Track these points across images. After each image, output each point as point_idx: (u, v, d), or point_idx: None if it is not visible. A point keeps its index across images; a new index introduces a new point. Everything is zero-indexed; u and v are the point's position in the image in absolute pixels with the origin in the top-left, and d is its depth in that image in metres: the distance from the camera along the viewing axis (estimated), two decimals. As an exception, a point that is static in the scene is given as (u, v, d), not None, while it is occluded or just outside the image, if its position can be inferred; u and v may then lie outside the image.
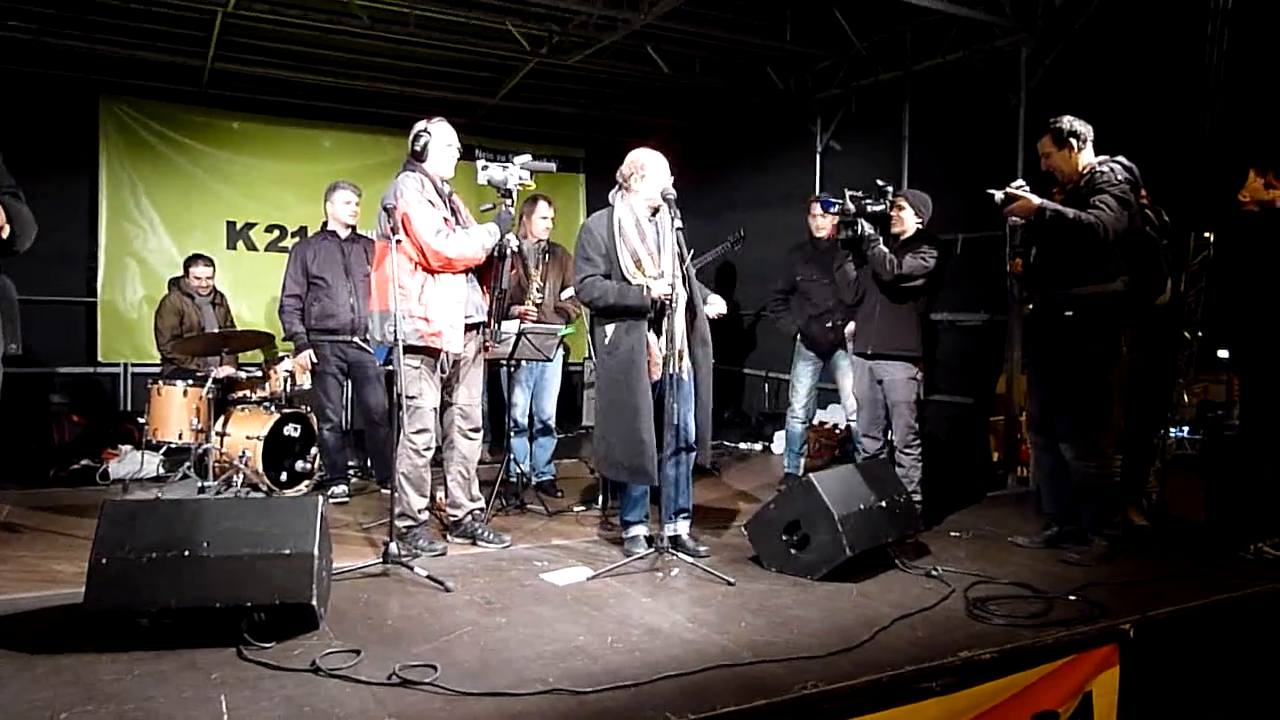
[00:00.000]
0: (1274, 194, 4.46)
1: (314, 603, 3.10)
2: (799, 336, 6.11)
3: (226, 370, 5.97)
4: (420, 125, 4.36)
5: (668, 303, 4.02)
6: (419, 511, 4.34)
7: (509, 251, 4.42)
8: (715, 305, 4.40)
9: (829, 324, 5.85)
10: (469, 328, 4.38)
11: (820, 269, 5.84)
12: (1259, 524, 4.45)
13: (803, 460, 6.19)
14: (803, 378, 6.11)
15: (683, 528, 4.41)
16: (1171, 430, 5.46)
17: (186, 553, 3.05)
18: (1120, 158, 4.27)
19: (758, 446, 7.96)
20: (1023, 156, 6.39)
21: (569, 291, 5.71)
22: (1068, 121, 4.32)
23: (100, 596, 3.02)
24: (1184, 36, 5.54)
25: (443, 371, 4.34)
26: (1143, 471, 5.34)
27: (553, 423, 5.95)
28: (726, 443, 7.85)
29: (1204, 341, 5.38)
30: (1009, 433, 6.41)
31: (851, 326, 5.33)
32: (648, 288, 4.07)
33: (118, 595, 3.02)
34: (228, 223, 8.55)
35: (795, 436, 6.14)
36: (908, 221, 4.99)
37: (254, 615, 3.07)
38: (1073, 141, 4.29)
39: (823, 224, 5.94)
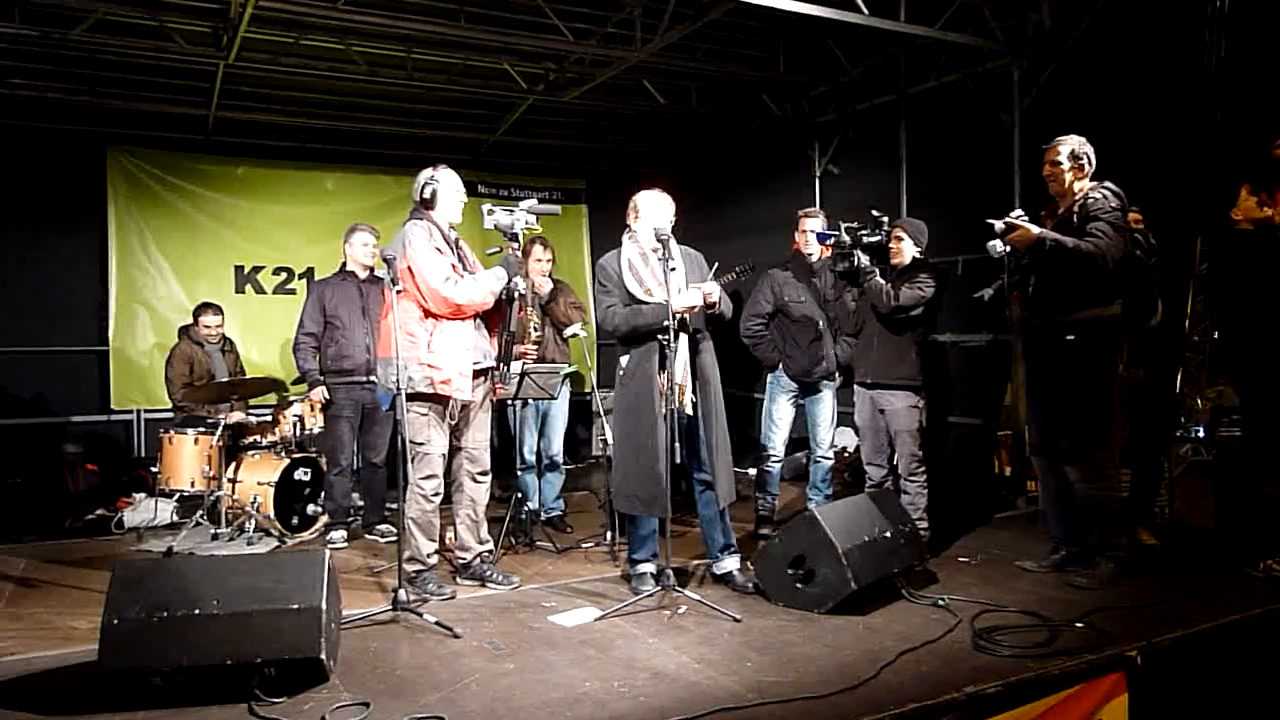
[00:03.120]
0: (1268, 211, 4.47)
1: (323, 656, 3.14)
2: (779, 366, 5.54)
3: (237, 416, 6.05)
4: (427, 173, 4.44)
5: (670, 337, 4.05)
6: (428, 556, 4.38)
7: (516, 294, 4.48)
8: (707, 285, 4.28)
9: (819, 353, 5.40)
10: (478, 373, 4.43)
11: (809, 290, 5.47)
12: (1267, 541, 4.44)
13: (778, 503, 5.72)
14: (782, 414, 5.56)
15: (731, 564, 4.46)
16: (1185, 433, 5.46)
17: (196, 611, 3.10)
18: (1108, 183, 4.30)
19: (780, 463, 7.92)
20: (1019, 177, 6.43)
21: (572, 329, 5.76)
22: (1081, 142, 4.35)
23: (113, 657, 3.07)
24: (1175, 51, 5.59)
25: (452, 418, 4.38)
26: (1151, 489, 5.34)
27: (560, 459, 5.99)
28: (737, 469, 7.84)
29: (1216, 345, 5.37)
30: (1017, 446, 6.41)
31: (846, 353, 5.34)
32: (666, 301, 4.08)
33: (131, 655, 3.07)
34: (235, 267, 8.66)
35: (773, 478, 5.61)
36: (907, 252, 5.03)
37: (264, 671, 3.11)
38: (1083, 162, 4.33)
39: (807, 242, 5.52)
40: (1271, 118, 4.80)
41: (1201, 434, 5.48)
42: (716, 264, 4.55)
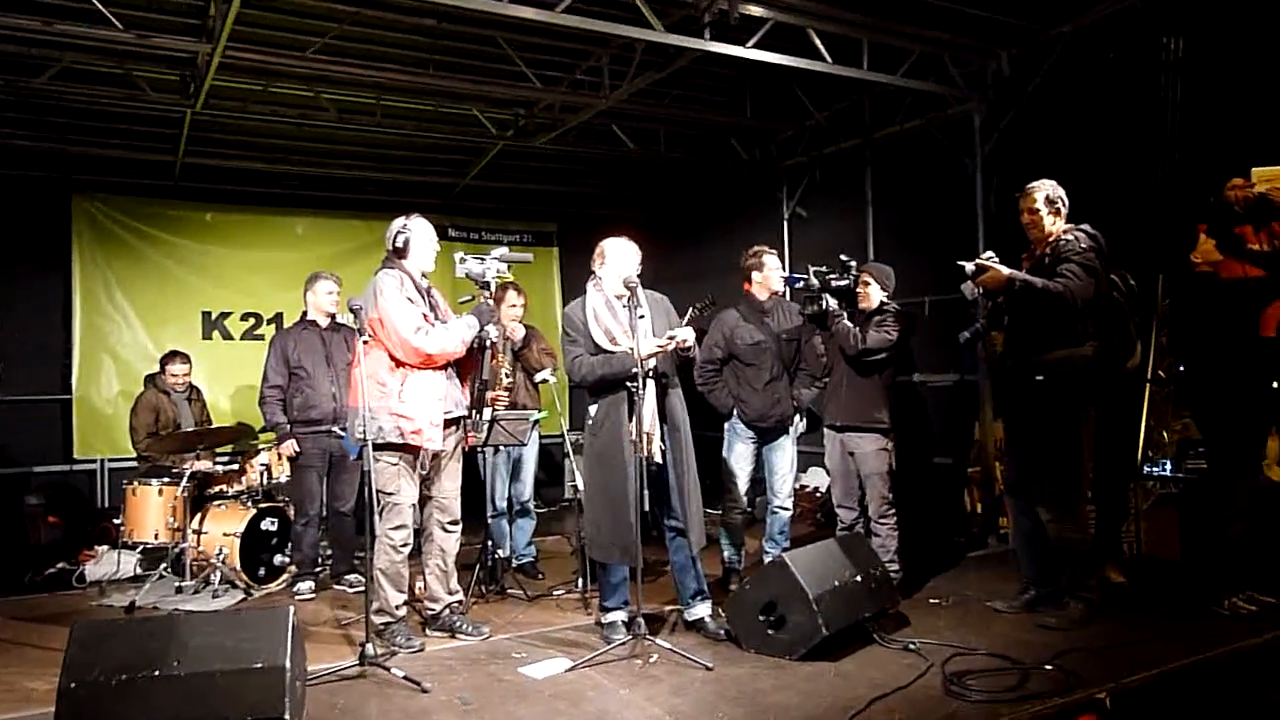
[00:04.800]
0: (1223, 257, 4.56)
1: (287, 716, 3.07)
2: (735, 413, 5.27)
3: (203, 465, 5.97)
4: (400, 222, 4.44)
5: (639, 384, 4.06)
6: (396, 607, 4.32)
7: (489, 343, 4.48)
8: (681, 331, 4.23)
9: (775, 395, 5.17)
10: (449, 422, 4.40)
11: (761, 330, 5.21)
12: (1231, 578, 4.49)
13: (744, 552, 5.46)
14: (742, 463, 5.28)
15: (702, 610, 4.44)
16: (1152, 469, 5.52)
17: (156, 672, 3.04)
18: (1085, 226, 4.37)
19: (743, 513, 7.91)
20: (982, 219, 6.55)
21: (543, 374, 5.75)
22: (1054, 186, 4.43)
23: (71, 721, 2.99)
24: (1132, 96, 5.74)
25: (422, 468, 4.36)
26: (1116, 524, 5.38)
27: (531, 504, 5.95)
28: (709, 510, 7.82)
29: (1180, 379, 5.44)
30: (986, 482, 6.45)
31: (809, 394, 5.35)
32: (633, 348, 4.09)
33: (89, 719, 2.99)
34: (203, 313, 8.61)
35: (736, 528, 5.37)
36: (873, 296, 5.07)
37: (227, 732, 3.04)
38: (1058, 206, 4.41)
39: (767, 281, 5.28)
40: (1227, 159, 4.92)
41: (1169, 467, 5.55)
42: (690, 308, 4.56)
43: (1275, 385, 4.69)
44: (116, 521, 5.85)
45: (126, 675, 3.02)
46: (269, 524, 5.75)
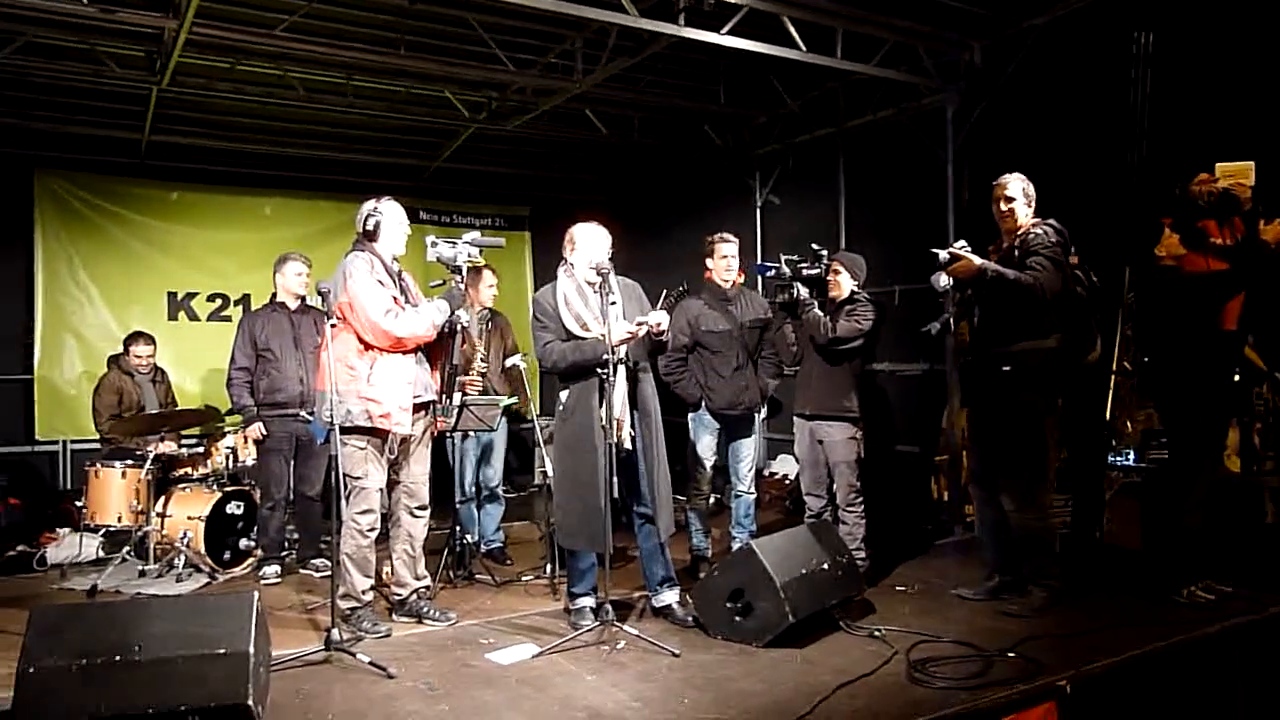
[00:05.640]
0: (1187, 251, 4.61)
1: (250, 703, 3.04)
2: (702, 403, 5.28)
3: (167, 448, 5.89)
4: (370, 205, 4.39)
5: (609, 370, 4.05)
6: (363, 592, 4.30)
7: (459, 328, 4.44)
8: (655, 315, 4.22)
9: (742, 383, 5.20)
10: (418, 407, 4.37)
11: (726, 318, 5.24)
12: (1190, 568, 4.57)
13: (711, 539, 5.51)
14: (708, 453, 5.33)
15: (670, 597, 4.44)
16: (1116, 459, 5.60)
17: (117, 658, 3.00)
18: (1051, 220, 4.41)
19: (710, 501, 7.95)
20: (953, 209, 6.59)
21: (513, 359, 5.73)
22: (1025, 179, 4.46)
23: (29, 708, 2.94)
24: (1102, 88, 5.79)
25: (390, 452, 4.33)
26: (1093, 513, 5.46)
27: (500, 490, 5.94)
28: (679, 497, 7.85)
29: (1144, 370, 5.51)
30: (953, 471, 6.51)
31: (773, 382, 5.36)
32: (604, 335, 4.08)
33: (47, 706, 2.94)
34: (169, 294, 8.49)
35: (703, 515, 5.45)
36: (844, 286, 5.08)
37: (189, 719, 3.01)
38: (1030, 198, 4.44)
39: (734, 266, 5.29)
40: (1194, 154, 4.97)
41: (1132, 457, 5.63)
42: (663, 295, 4.55)
43: (1236, 378, 4.78)
44: (79, 504, 5.76)
45: (86, 660, 2.98)
46: (234, 508, 5.69)
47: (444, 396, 4.55)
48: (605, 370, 4.06)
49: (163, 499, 5.61)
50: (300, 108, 7.41)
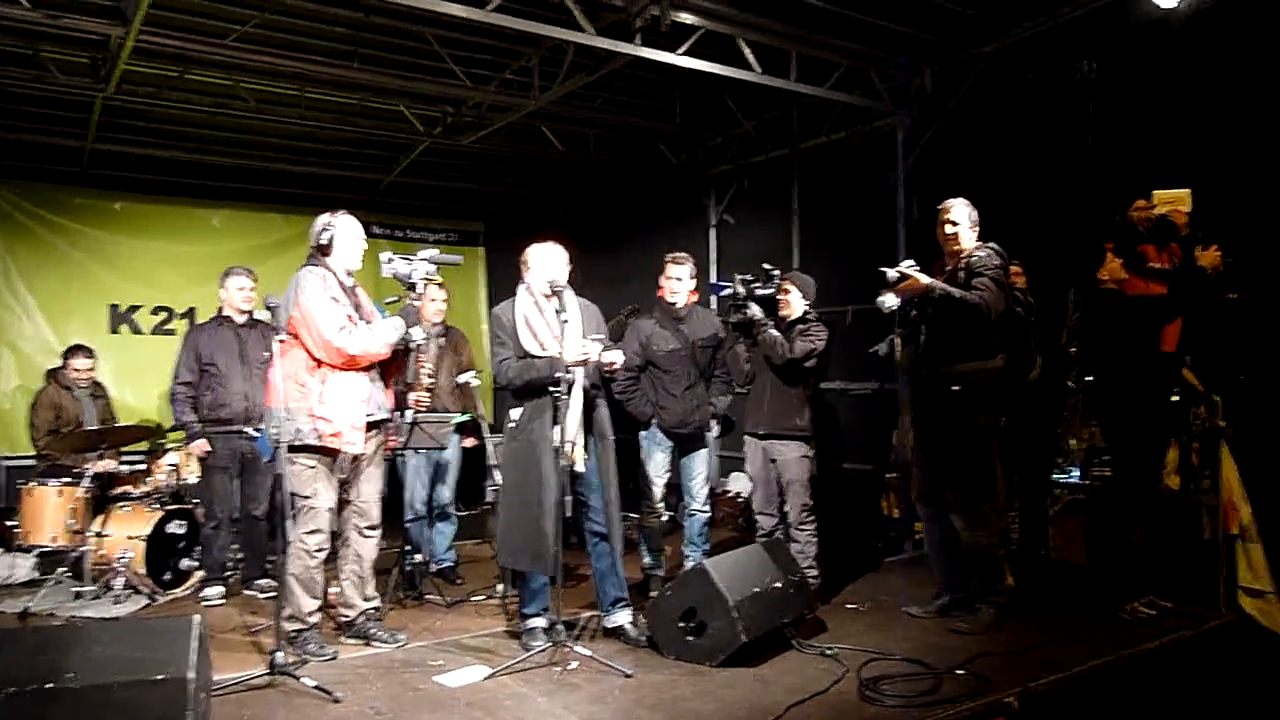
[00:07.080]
0: (1128, 275, 4.74)
1: (191, 729, 2.96)
2: (654, 421, 5.23)
3: (106, 465, 5.73)
4: (325, 219, 4.31)
5: (563, 389, 4.03)
6: (309, 614, 4.20)
7: (414, 345, 4.39)
8: (612, 354, 4.23)
9: (694, 401, 5.16)
10: (371, 425, 4.30)
11: (677, 337, 5.19)
12: (1132, 584, 4.66)
13: (664, 558, 5.46)
14: (660, 471, 5.28)
15: (623, 617, 4.41)
16: (1060, 476, 5.70)
17: (50, 685, 2.88)
18: (993, 243, 4.49)
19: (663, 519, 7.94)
20: (903, 231, 6.69)
21: (466, 375, 5.67)
22: (969, 204, 4.54)
23: (-46, 738, 2.83)
24: (1048, 115, 5.93)
25: (341, 471, 4.25)
26: (1037, 529, 5.55)
27: (451, 508, 5.86)
28: (632, 514, 7.83)
29: (1088, 388, 5.62)
30: (904, 488, 6.57)
31: (724, 401, 5.35)
32: (559, 354, 4.08)
33: (-26, 735, 2.84)
34: (110, 306, 8.30)
35: (654, 534, 5.38)
36: (795, 305, 5.12)
37: (125, 748, 2.91)
38: (975, 222, 4.52)
39: (680, 288, 5.21)
40: (1135, 180, 5.10)
41: (1077, 474, 5.74)
42: (618, 314, 4.53)
43: (1175, 398, 4.91)
44: (11, 524, 5.58)
45: (15, 689, 2.85)
46: (176, 527, 5.54)
47: (396, 413, 4.49)
48: (559, 389, 4.03)
49: (101, 518, 5.45)
50: (252, 119, 7.31)
